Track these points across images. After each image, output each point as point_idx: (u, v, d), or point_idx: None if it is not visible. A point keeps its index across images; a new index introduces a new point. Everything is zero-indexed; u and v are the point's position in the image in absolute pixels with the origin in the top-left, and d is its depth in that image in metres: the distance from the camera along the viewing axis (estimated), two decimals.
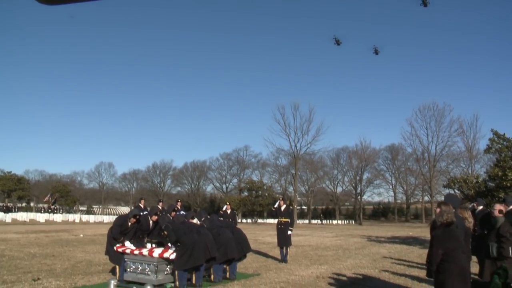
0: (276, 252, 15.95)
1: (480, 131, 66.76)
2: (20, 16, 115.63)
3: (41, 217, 53.03)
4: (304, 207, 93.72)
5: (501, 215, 8.44)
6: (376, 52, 55.13)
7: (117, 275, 9.79)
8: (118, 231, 9.78)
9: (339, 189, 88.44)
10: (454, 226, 6.32)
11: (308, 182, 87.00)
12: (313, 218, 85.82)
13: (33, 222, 47.79)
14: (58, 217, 54.43)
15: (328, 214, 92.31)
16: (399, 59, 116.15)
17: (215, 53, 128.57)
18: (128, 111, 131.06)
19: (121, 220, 10.10)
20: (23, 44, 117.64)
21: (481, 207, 11.06)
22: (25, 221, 48.88)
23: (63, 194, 78.45)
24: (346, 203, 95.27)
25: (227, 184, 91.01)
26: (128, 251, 9.56)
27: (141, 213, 10.70)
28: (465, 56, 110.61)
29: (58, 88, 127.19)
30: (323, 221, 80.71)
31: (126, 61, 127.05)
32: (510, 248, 8.12)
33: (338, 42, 54.82)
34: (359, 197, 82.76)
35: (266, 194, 67.16)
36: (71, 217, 58.01)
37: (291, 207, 15.74)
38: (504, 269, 7.32)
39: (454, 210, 7.97)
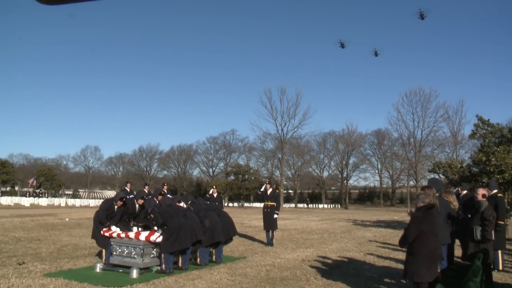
0: (262, 236, 16.02)
1: (466, 116, 67.35)
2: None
3: (26, 201, 52.53)
4: (290, 191, 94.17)
5: (484, 199, 8.53)
6: (376, 54, 55.89)
7: (103, 258, 9.77)
8: (105, 215, 9.74)
9: (325, 174, 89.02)
10: (434, 210, 6.38)
11: (294, 166, 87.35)
12: (299, 202, 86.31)
13: (17, 206, 47.38)
14: (43, 201, 53.94)
15: (314, 198, 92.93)
16: (386, 44, 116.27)
17: (201, 36, 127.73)
18: (115, 94, 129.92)
19: (107, 203, 10.05)
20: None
21: (465, 192, 11.16)
22: (9, 205, 48.41)
23: (49, 178, 77.82)
24: (332, 187, 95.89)
25: (214, 168, 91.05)
26: (114, 234, 9.53)
27: (127, 197, 10.65)
28: (451, 42, 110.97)
29: (43, 71, 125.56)
30: (309, 205, 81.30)
31: (111, 43, 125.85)
32: (493, 231, 8.24)
33: (342, 45, 55.77)
34: (345, 181, 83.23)
35: (253, 178, 67.18)
36: (56, 201, 57.56)
37: (277, 191, 15.78)
38: (485, 251, 7.43)
39: (438, 194, 8.07)
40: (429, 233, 6.27)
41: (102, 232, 9.65)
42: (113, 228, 9.70)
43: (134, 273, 8.61)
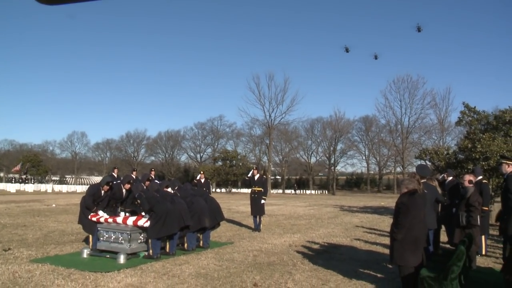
0: (249, 221, 16.08)
1: (452, 104, 68.01)
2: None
3: (12, 187, 52.18)
4: (278, 177, 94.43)
5: (470, 185, 8.62)
6: (376, 57, 56.71)
7: (90, 244, 9.75)
8: (91, 200, 9.70)
9: (313, 160, 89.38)
10: (418, 195, 6.45)
11: (282, 152, 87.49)
12: (287, 188, 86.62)
13: (3, 192, 47.03)
14: (29, 187, 53.61)
15: (302, 184, 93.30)
16: (373, 31, 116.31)
17: (188, 21, 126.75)
18: (101, 79, 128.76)
19: (94, 189, 10.00)
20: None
21: (451, 178, 11.26)
22: None
23: (35, 164, 77.15)
24: (319, 173, 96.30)
25: (202, 154, 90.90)
26: (101, 219, 9.51)
27: (114, 181, 10.61)
28: (439, 30, 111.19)
29: (28, 54, 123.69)
30: (297, 191, 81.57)
31: (98, 28, 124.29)
32: (478, 216, 8.34)
33: (347, 50, 56.68)
34: (332, 167, 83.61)
35: (241, 164, 67.19)
36: (43, 187, 57.25)
37: (264, 176, 15.80)
38: (469, 236, 7.52)
39: (424, 180, 8.14)
40: (413, 218, 6.34)
41: (89, 217, 9.62)
42: (100, 213, 9.68)
43: (121, 259, 8.60)
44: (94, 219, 9.59)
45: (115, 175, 15.93)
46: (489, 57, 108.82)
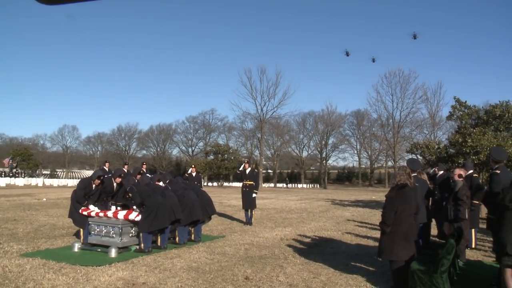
0: (241, 215, 16.10)
1: (444, 98, 68.34)
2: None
3: (2, 181, 51.73)
4: (269, 171, 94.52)
5: (460, 179, 8.67)
6: (373, 60, 57.36)
7: (81, 238, 9.72)
8: (82, 194, 9.67)
9: (304, 153, 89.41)
10: (407, 189, 6.48)
11: (274, 146, 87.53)
12: (279, 181, 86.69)
13: None
14: (19, 181, 53.20)
15: (294, 178, 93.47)
16: (366, 26, 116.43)
17: (180, 14, 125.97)
18: (93, 72, 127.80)
19: (85, 182, 9.96)
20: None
21: (441, 172, 11.33)
22: None
23: (25, 157, 76.54)
24: (311, 167, 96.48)
25: (193, 148, 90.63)
26: (93, 213, 9.48)
27: (105, 175, 10.57)
28: (432, 25, 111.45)
29: (18, 48, 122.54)
30: (288, 185, 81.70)
31: (89, 23, 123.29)
32: (466, 210, 8.40)
33: (347, 54, 57.44)
34: (324, 161, 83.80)
35: (232, 158, 67.08)
36: (33, 181, 56.81)
37: (256, 170, 15.83)
38: (459, 230, 7.58)
39: (415, 174, 8.18)
40: (403, 211, 6.38)
41: (80, 211, 9.59)
42: (91, 207, 9.64)
43: (113, 252, 8.59)
44: (84, 213, 9.57)
45: (107, 169, 15.88)
46: (480, 52, 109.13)
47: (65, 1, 1.75)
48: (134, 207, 9.29)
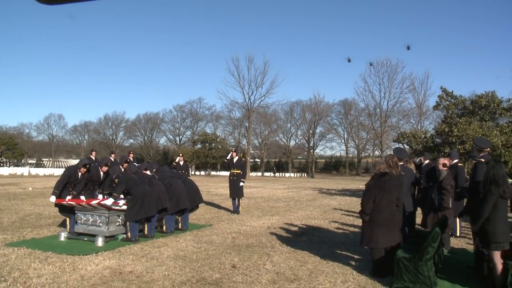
0: (228, 204, 16.12)
1: (431, 88, 68.43)
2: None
3: None
4: (257, 160, 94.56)
5: (445, 168, 8.74)
6: (371, 64, 58.10)
7: (68, 227, 9.67)
8: (65, 182, 9.53)
9: (292, 143, 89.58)
10: (388, 177, 6.54)
11: (261, 135, 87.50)
12: (266, 170, 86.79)
13: None
14: (5, 171, 52.74)
15: (281, 167, 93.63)
16: (354, 15, 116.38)
17: (167, 2, 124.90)
18: (78, 61, 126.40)
19: (70, 171, 9.84)
20: None
21: (427, 161, 11.42)
22: None
23: (10, 147, 75.75)
24: (298, 156, 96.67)
25: (181, 137, 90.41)
26: (63, 203, 9.35)
27: (92, 164, 10.49)
28: (419, 15, 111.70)
29: (2, 35, 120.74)
30: (276, 174, 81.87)
31: (75, 8, 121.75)
32: (450, 199, 8.49)
33: (349, 60, 58.26)
34: (311, 150, 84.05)
35: (220, 147, 66.90)
36: (19, 170, 56.35)
37: (243, 159, 15.83)
38: (443, 218, 7.67)
39: (401, 163, 8.24)
40: (381, 200, 6.44)
41: (66, 200, 9.48)
42: (68, 197, 9.46)
43: (100, 241, 8.57)
44: (64, 203, 9.40)
45: (93, 158, 15.75)
46: (467, 43, 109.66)
47: (65, 1, 1.75)
48: (116, 194, 9.17)
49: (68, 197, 9.46)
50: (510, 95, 46.22)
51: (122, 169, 10.39)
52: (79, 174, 9.69)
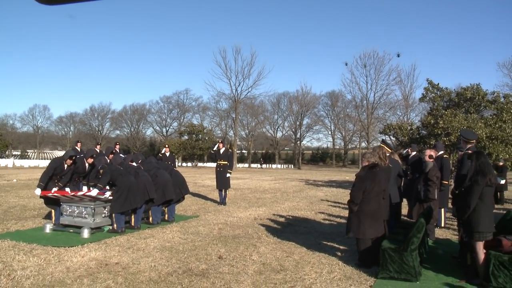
0: (215, 195, 16.12)
1: (417, 80, 69.07)
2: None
3: None
4: (244, 151, 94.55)
5: (431, 159, 8.81)
6: (365, 66, 58.93)
7: (53, 219, 9.59)
8: (51, 173, 9.44)
9: (279, 134, 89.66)
10: (377, 169, 6.58)
11: (248, 127, 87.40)
12: (253, 162, 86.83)
13: None
14: None
15: (268, 158, 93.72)
16: (341, 5, 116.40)
17: None
18: (64, 51, 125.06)
19: (56, 162, 9.74)
20: None
21: (414, 153, 11.49)
22: None
23: None
24: (285, 148, 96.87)
25: (167, 128, 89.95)
26: (49, 195, 9.28)
27: (77, 155, 10.40)
28: (406, 7, 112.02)
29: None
30: (263, 165, 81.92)
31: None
32: (435, 190, 8.58)
33: (346, 64, 59.05)
34: (298, 142, 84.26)
35: (207, 138, 66.83)
36: (3, 162, 55.77)
37: (230, 150, 15.82)
38: (429, 209, 7.75)
39: (388, 154, 8.29)
40: (371, 191, 6.48)
41: (52, 192, 9.40)
42: (54, 189, 9.39)
43: (85, 233, 8.52)
44: (49, 195, 9.32)
45: (78, 149, 15.62)
46: (454, 37, 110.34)
47: (65, 1, 1.74)
48: (101, 185, 9.11)
49: (54, 189, 9.39)
50: (494, 88, 46.76)
51: (108, 160, 10.32)
52: (65, 166, 9.60)
